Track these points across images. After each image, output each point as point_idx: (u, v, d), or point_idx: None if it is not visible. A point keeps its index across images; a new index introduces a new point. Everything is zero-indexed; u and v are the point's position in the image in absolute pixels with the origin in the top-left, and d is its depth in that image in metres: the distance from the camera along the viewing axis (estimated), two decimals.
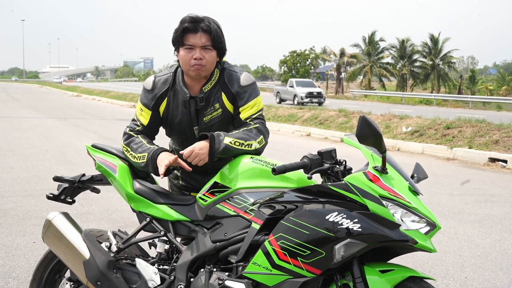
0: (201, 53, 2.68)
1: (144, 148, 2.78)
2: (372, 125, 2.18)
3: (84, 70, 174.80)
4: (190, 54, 2.69)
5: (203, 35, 2.67)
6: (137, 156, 2.78)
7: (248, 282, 2.37)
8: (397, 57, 56.21)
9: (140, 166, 2.79)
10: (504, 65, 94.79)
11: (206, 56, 2.69)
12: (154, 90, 2.83)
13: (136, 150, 2.80)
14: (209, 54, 2.70)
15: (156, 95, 2.82)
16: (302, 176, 2.54)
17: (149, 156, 2.72)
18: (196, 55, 2.68)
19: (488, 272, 4.54)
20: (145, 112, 2.85)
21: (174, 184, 3.09)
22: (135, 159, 2.79)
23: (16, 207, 6.36)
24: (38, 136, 13.95)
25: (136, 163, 2.79)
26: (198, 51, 2.68)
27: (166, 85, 2.83)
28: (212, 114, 2.78)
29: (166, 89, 2.82)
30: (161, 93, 2.82)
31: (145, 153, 2.75)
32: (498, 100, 33.43)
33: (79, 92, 45.70)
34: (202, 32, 2.67)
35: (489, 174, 9.55)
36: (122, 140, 2.89)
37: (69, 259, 2.79)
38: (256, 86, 2.82)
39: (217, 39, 2.69)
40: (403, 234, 2.20)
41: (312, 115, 17.30)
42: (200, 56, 2.68)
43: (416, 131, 13.00)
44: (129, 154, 2.83)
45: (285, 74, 58.90)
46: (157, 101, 2.83)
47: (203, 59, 2.68)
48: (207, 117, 2.79)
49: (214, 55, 2.72)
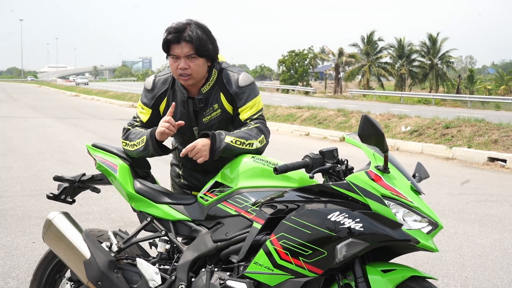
0: (186, 63, 2.67)
1: (142, 133, 2.78)
2: (374, 124, 2.17)
3: (82, 70, 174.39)
4: (176, 63, 2.69)
5: (186, 44, 2.65)
6: (136, 142, 2.78)
7: (249, 282, 2.37)
8: (395, 57, 56.23)
9: (139, 151, 2.77)
10: (503, 65, 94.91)
11: (191, 65, 2.67)
12: (154, 89, 2.84)
13: (134, 138, 2.80)
14: (195, 63, 2.68)
15: (155, 95, 2.83)
16: (303, 176, 2.53)
17: (147, 136, 2.73)
18: (181, 65, 2.67)
19: (489, 272, 4.53)
20: (146, 110, 2.86)
21: (175, 182, 3.09)
22: (134, 147, 2.78)
23: (15, 207, 6.35)
24: (37, 136, 13.94)
25: (136, 149, 2.78)
26: (183, 61, 2.67)
27: (166, 85, 2.83)
28: (211, 114, 2.78)
29: (165, 89, 2.83)
30: (161, 93, 2.83)
31: (143, 136, 2.75)
32: (496, 100, 33.45)
33: (77, 92, 45.63)
34: (184, 42, 2.65)
35: (488, 173, 9.55)
36: (121, 136, 2.89)
37: (70, 259, 2.79)
38: (255, 86, 2.81)
39: (200, 47, 2.66)
40: (405, 234, 2.20)
41: (311, 114, 17.28)
42: (185, 66, 2.67)
43: (415, 131, 12.99)
44: (128, 145, 2.82)
45: (283, 74, 58.92)
46: (157, 100, 2.83)
47: (188, 68, 2.67)
48: (206, 117, 2.79)
49: (200, 62, 2.69)
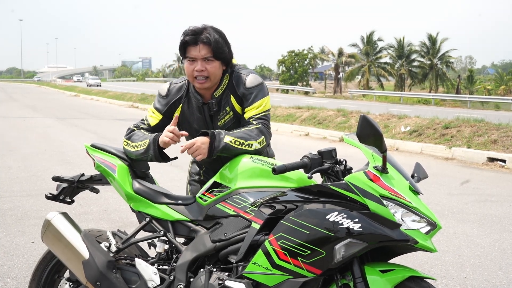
0: (202, 65, 2.70)
1: (146, 136, 2.79)
2: (373, 124, 2.17)
3: (82, 70, 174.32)
4: (192, 66, 2.71)
5: (203, 47, 2.68)
6: (137, 144, 2.78)
7: (248, 282, 2.37)
8: (395, 57, 56.23)
9: (139, 153, 2.77)
10: (502, 65, 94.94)
11: (208, 68, 2.70)
12: (168, 96, 2.87)
13: (136, 140, 2.81)
14: (211, 65, 2.71)
15: (169, 102, 2.86)
16: (302, 176, 2.53)
17: (150, 140, 2.74)
18: (198, 67, 2.70)
19: (488, 272, 4.54)
20: (156, 115, 2.88)
21: (194, 179, 3.11)
22: (135, 148, 2.79)
23: (14, 207, 6.35)
24: (36, 136, 13.94)
25: (136, 151, 2.78)
26: (200, 63, 2.70)
27: (181, 93, 2.86)
28: (225, 117, 2.81)
29: (180, 96, 2.86)
30: (175, 100, 2.85)
31: (146, 139, 2.76)
32: (496, 100, 33.46)
33: (77, 92, 45.63)
34: (202, 44, 2.68)
35: (487, 173, 9.55)
36: (124, 135, 2.89)
37: (69, 259, 2.79)
38: (263, 87, 2.81)
39: (217, 50, 2.69)
40: (403, 234, 2.20)
41: (311, 114, 17.28)
42: (202, 68, 2.70)
43: (415, 131, 12.98)
44: (129, 145, 2.82)
45: (283, 74, 58.93)
46: (170, 107, 2.86)
47: (205, 70, 2.70)
48: (221, 121, 2.82)
49: (216, 65, 2.73)
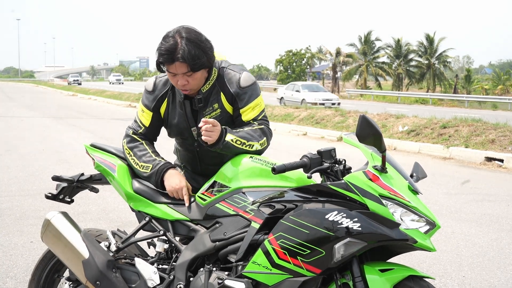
0: (184, 79, 2.62)
1: (149, 158, 2.79)
2: (372, 124, 2.18)
3: (79, 69, 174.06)
4: (175, 78, 2.64)
5: (180, 64, 2.57)
6: (140, 165, 2.79)
7: (247, 281, 2.37)
8: (392, 57, 56.31)
9: (141, 175, 2.81)
10: (500, 65, 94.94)
11: (190, 80, 2.63)
12: (155, 91, 2.82)
13: (140, 158, 2.80)
14: (193, 77, 2.63)
15: (156, 97, 2.82)
16: (301, 176, 2.54)
17: (154, 170, 2.75)
18: (180, 82, 2.63)
19: (486, 271, 4.55)
20: (146, 113, 2.85)
21: None
22: (137, 166, 2.81)
23: (13, 207, 6.35)
24: (34, 135, 13.91)
25: (138, 170, 2.81)
26: (180, 78, 2.62)
27: (167, 87, 2.81)
28: (210, 114, 2.75)
29: (166, 91, 2.81)
30: (162, 95, 2.81)
31: (150, 165, 2.76)
32: (493, 100, 33.57)
33: (74, 92, 45.56)
34: (178, 62, 2.57)
35: (485, 173, 9.57)
36: (125, 141, 2.88)
37: (68, 258, 2.79)
38: (256, 87, 2.78)
39: (195, 64, 2.57)
40: (402, 233, 2.21)
41: (308, 114, 17.28)
42: (184, 82, 2.63)
43: (413, 131, 12.99)
44: (131, 158, 2.83)
45: (281, 73, 58.92)
46: (158, 102, 2.82)
47: (187, 83, 2.64)
48: (206, 117, 2.72)
49: (197, 75, 2.64)
